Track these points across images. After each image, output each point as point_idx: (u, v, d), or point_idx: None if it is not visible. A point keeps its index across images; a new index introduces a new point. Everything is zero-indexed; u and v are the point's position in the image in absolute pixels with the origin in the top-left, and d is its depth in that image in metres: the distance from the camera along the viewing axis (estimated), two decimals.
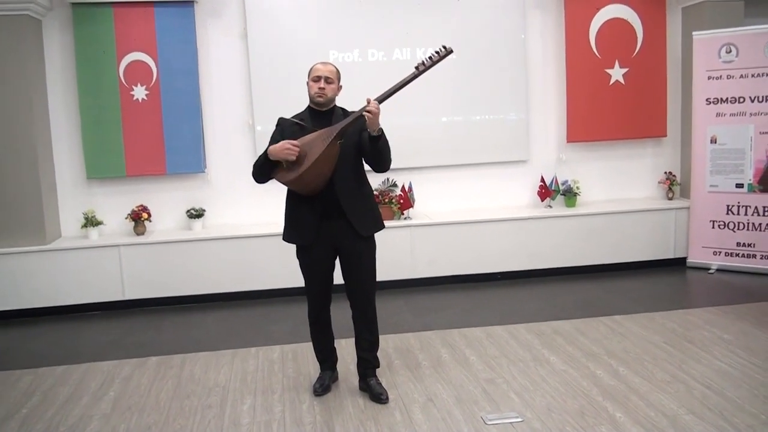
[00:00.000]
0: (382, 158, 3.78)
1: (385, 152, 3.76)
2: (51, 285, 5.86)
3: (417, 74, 3.70)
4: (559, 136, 6.89)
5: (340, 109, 3.88)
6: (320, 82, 3.75)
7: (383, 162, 3.81)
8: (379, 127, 3.64)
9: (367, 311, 3.94)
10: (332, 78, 3.79)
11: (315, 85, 3.77)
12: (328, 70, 3.80)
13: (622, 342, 4.65)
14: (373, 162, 3.82)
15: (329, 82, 3.77)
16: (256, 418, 3.75)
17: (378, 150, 3.71)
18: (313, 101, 3.82)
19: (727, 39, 6.28)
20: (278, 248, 5.79)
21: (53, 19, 6.06)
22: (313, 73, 3.79)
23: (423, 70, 3.69)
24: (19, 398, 4.16)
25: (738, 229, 6.36)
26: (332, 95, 3.82)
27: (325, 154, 3.61)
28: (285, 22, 6.32)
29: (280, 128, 3.85)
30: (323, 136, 3.65)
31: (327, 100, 3.79)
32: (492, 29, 6.61)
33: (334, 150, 3.65)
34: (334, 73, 3.81)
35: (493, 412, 3.68)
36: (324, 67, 3.80)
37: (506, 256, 6.42)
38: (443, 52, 3.72)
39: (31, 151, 5.79)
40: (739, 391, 3.80)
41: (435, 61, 3.70)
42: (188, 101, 6.20)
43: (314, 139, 3.66)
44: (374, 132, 3.64)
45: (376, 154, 3.74)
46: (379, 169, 3.87)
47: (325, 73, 3.77)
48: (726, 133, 6.36)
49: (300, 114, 3.89)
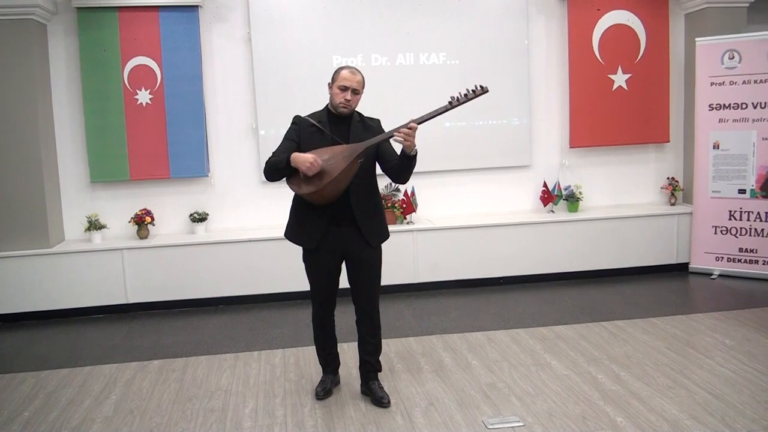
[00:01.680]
0: (409, 173, 3.78)
1: (413, 168, 3.76)
2: (54, 288, 5.88)
3: (449, 108, 3.67)
4: (561, 142, 6.91)
5: (357, 114, 3.84)
6: (347, 93, 3.69)
7: (407, 176, 3.81)
8: (415, 148, 3.64)
9: (372, 316, 3.94)
10: (359, 89, 3.72)
11: (341, 94, 3.69)
12: (357, 81, 3.70)
13: (623, 347, 4.66)
14: (398, 175, 3.82)
15: (356, 93, 3.72)
16: (258, 422, 3.75)
17: (408, 167, 3.72)
18: (335, 109, 3.76)
19: (730, 45, 6.28)
20: (281, 252, 5.83)
21: (58, 24, 6.09)
22: (341, 82, 3.69)
23: (456, 105, 3.66)
24: (22, 401, 4.17)
25: (740, 234, 6.35)
26: (355, 106, 3.78)
27: (344, 172, 3.59)
28: (289, 27, 6.35)
29: (297, 127, 3.79)
30: (345, 153, 3.62)
31: (351, 111, 3.77)
32: (496, 35, 6.63)
33: (353, 168, 3.63)
34: (362, 83, 3.74)
35: (495, 416, 3.68)
36: (353, 77, 3.69)
37: (508, 260, 6.43)
38: (479, 90, 3.65)
39: (35, 154, 5.82)
40: (741, 396, 3.80)
41: (469, 98, 3.66)
42: (192, 105, 6.22)
43: (336, 155, 3.62)
44: (410, 152, 3.63)
45: (405, 171, 3.75)
46: (400, 181, 3.90)
47: (353, 85, 3.68)
48: (729, 139, 6.36)
49: (317, 114, 3.83)
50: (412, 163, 3.70)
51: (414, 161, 3.69)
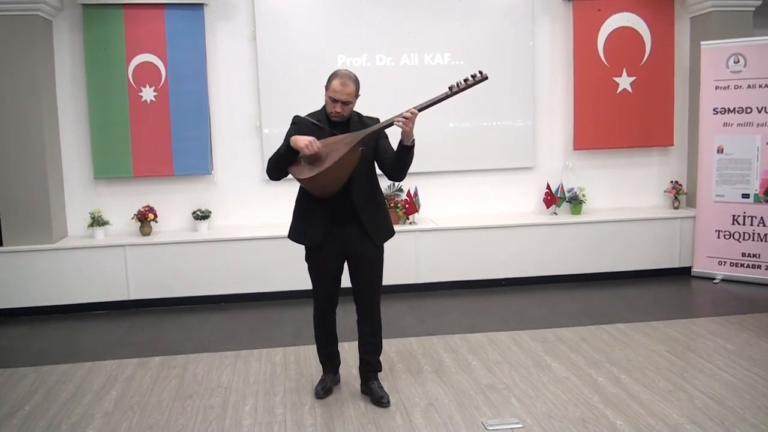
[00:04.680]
0: (405, 168, 3.74)
1: (409, 163, 3.72)
2: (56, 284, 5.89)
3: (450, 94, 3.64)
4: (565, 144, 6.90)
5: (356, 115, 3.83)
6: (337, 106, 3.67)
7: (404, 172, 3.78)
8: (412, 138, 3.61)
9: (374, 315, 3.94)
10: (350, 100, 3.69)
11: (332, 105, 3.68)
12: (347, 93, 3.65)
13: (624, 350, 4.65)
14: (395, 170, 3.77)
15: (347, 104, 3.69)
16: (258, 420, 3.76)
17: (405, 160, 3.68)
18: (329, 116, 3.75)
19: (736, 49, 6.27)
20: (283, 251, 5.83)
21: (63, 20, 6.11)
22: (331, 93, 3.67)
23: (456, 92, 3.62)
24: (22, 396, 4.18)
25: (743, 239, 6.34)
26: (349, 114, 3.75)
27: (345, 159, 3.56)
28: (294, 26, 6.36)
29: (296, 127, 3.77)
30: (346, 140, 3.61)
31: (343, 119, 3.75)
32: (501, 36, 6.63)
33: (354, 156, 3.60)
34: (353, 94, 3.69)
35: (494, 417, 3.68)
36: (343, 89, 3.64)
37: (511, 262, 6.42)
38: (479, 77, 3.62)
39: (39, 150, 5.83)
40: (741, 401, 3.79)
41: (469, 84, 3.63)
42: (196, 103, 6.23)
43: (337, 142, 3.62)
44: (407, 142, 3.61)
45: (402, 164, 3.70)
46: (397, 178, 3.85)
47: (343, 98, 3.65)
48: (733, 143, 6.35)
49: (316, 113, 3.82)
50: (410, 155, 3.66)
51: (411, 153, 3.65)
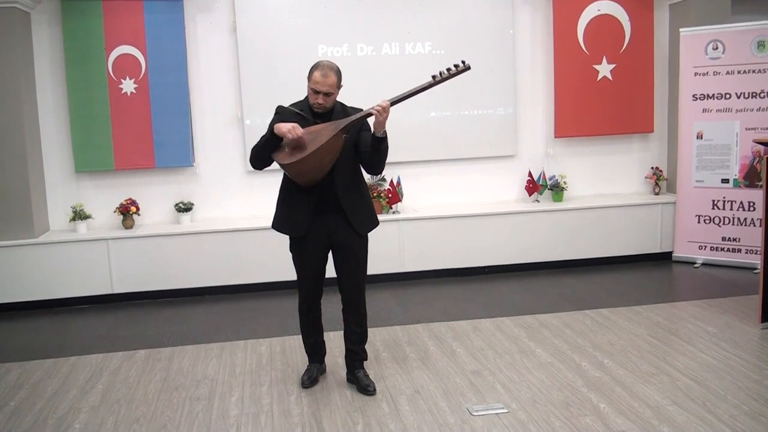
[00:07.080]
0: (380, 160, 3.74)
1: (384, 155, 3.73)
2: (39, 278, 5.85)
3: (432, 84, 3.65)
4: (547, 131, 6.94)
5: (339, 105, 3.82)
6: (319, 98, 3.67)
7: (380, 164, 3.78)
8: (384, 129, 3.62)
9: (359, 304, 3.96)
10: (332, 91, 3.68)
11: (314, 96, 3.68)
12: (328, 84, 3.64)
13: (607, 335, 4.70)
14: (370, 163, 3.78)
15: (328, 95, 3.69)
16: (245, 410, 3.77)
17: (379, 152, 3.68)
18: (312, 107, 3.74)
19: (714, 36, 6.32)
20: (267, 242, 5.83)
21: (42, 13, 6.04)
22: (312, 84, 3.66)
23: (439, 81, 3.63)
24: (8, 391, 4.16)
25: (723, 224, 6.41)
26: (331, 105, 3.75)
27: (328, 145, 3.56)
28: (274, 17, 6.33)
29: (280, 116, 3.75)
30: (329, 128, 3.61)
31: (326, 110, 3.74)
32: (481, 24, 6.64)
33: (337, 143, 3.60)
34: (335, 85, 3.68)
35: (479, 403, 3.72)
36: (324, 81, 3.63)
37: (494, 250, 6.46)
38: (461, 67, 3.64)
39: (19, 144, 5.78)
40: (723, 382, 3.85)
41: (452, 74, 3.64)
42: (177, 95, 6.19)
43: (320, 129, 3.62)
44: (379, 133, 3.62)
45: (375, 156, 3.70)
46: (373, 171, 3.87)
47: (324, 89, 3.64)
48: (712, 129, 6.41)
49: (299, 103, 3.82)
50: (382, 147, 3.67)
51: (384, 144, 3.66)
